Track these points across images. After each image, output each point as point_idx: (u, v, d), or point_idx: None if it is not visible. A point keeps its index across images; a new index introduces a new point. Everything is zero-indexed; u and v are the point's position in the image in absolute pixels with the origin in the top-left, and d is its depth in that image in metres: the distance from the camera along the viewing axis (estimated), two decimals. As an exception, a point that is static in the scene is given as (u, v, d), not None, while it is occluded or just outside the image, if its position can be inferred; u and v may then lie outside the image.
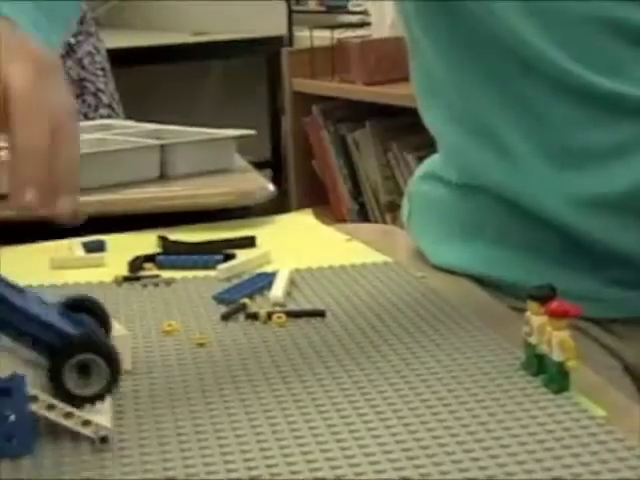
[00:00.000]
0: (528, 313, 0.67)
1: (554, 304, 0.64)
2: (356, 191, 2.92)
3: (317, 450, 0.58)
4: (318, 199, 2.99)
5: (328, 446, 0.59)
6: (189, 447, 0.59)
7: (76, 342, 0.60)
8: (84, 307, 0.67)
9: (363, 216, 2.92)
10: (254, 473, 0.56)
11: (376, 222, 2.87)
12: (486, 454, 0.57)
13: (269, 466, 0.57)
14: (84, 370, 0.60)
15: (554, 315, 0.64)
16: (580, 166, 0.86)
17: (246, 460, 0.57)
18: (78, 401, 0.59)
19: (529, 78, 0.85)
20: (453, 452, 0.58)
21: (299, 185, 3.05)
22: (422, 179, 1.01)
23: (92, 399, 0.60)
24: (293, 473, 0.56)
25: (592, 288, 0.89)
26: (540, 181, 0.86)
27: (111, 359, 0.60)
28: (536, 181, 0.86)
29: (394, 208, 2.82)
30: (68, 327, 0.61)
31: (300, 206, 2.92)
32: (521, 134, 0.86)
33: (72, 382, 0.59)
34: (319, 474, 0.56)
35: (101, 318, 0.68)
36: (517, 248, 0.90)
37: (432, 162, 1.01)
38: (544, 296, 0.65)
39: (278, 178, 3.16)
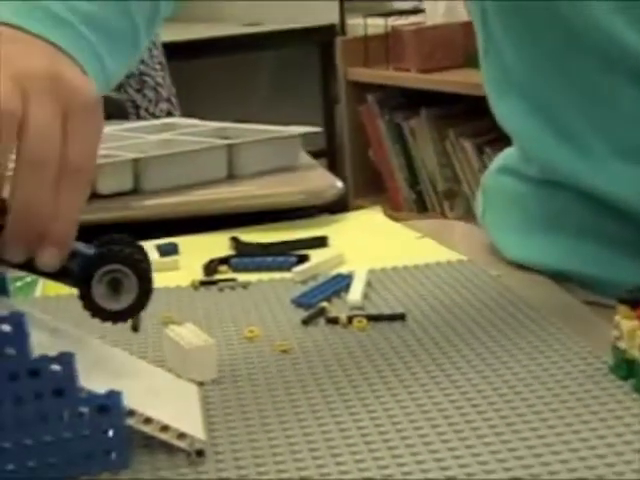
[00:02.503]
0: (617, 317, 0.66)
1: (646, 309, 0.63)
2: (413, 179, 2.91)
3: (407, 454, 0.59)
4: (374, 188, 2.99)
5: (416, 449, 0.59)
6: (283, 460, 0.59)
7: (105, 254, 0.58)
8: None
9: (420, 205, 2.91)
10: (347, 477, 0.57)
11: (433, 210, 2.86)
12: (574, 456, 0.57)
13: (360, 470, 0.57)
14: (115, 285, 0.58)
15: (646, 320, 0.63)
16: None
17: (338, 464, 0.58)
18: (108, 316, 0.59)
19: (612, 76, 0.84)
20: (541, 454, 0.58)
21: (355, 175, 3.04)
22: (498, 172, 1.00)
23: (122, 314, 0.59)
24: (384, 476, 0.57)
25: None
26: (620, 178, 0.86)
27: (141, 272, 0.58)
28: (615, 178, 0.86)
29: (451, 196, 2.81)
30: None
31: (357, 196, 2.92)
32: (600, 132, 0.86)
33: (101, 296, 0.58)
34: (410, 477, 0.56)
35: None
36: (597, 242, 0.90)
37: (508, 156, 1.00)
38: (635, 300, 0.65)
39: (334, 168, 3.16)
